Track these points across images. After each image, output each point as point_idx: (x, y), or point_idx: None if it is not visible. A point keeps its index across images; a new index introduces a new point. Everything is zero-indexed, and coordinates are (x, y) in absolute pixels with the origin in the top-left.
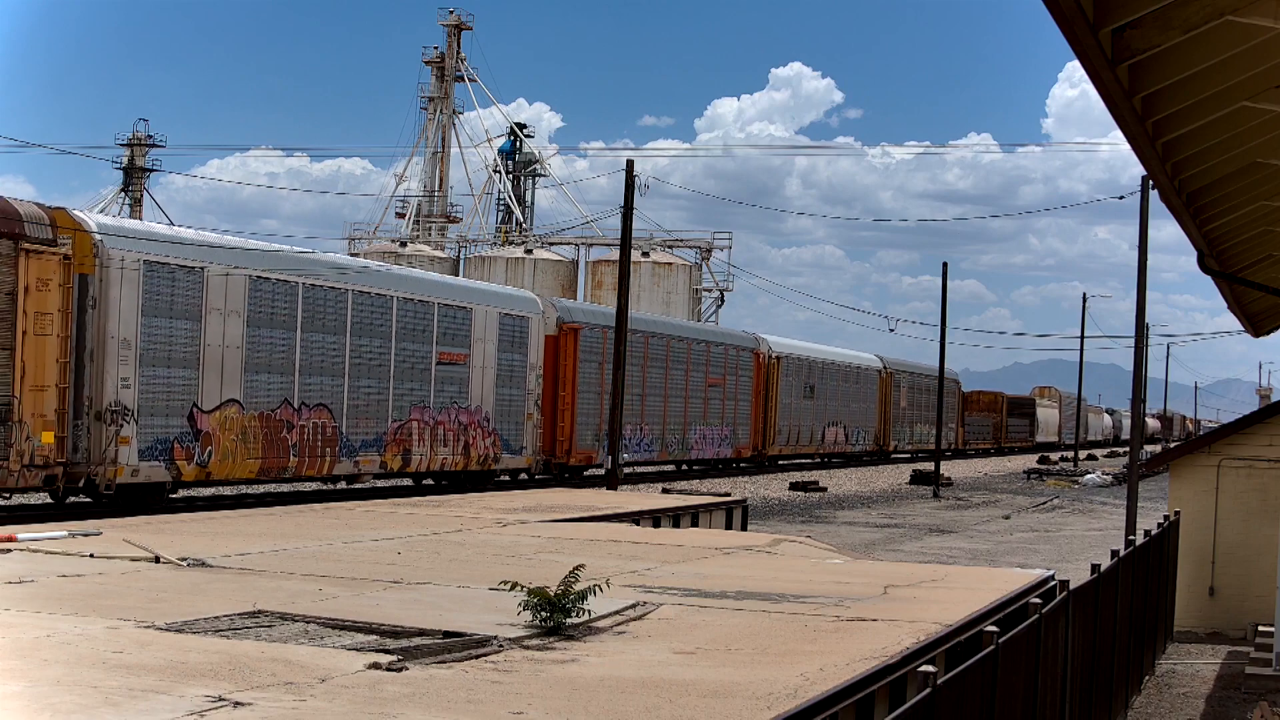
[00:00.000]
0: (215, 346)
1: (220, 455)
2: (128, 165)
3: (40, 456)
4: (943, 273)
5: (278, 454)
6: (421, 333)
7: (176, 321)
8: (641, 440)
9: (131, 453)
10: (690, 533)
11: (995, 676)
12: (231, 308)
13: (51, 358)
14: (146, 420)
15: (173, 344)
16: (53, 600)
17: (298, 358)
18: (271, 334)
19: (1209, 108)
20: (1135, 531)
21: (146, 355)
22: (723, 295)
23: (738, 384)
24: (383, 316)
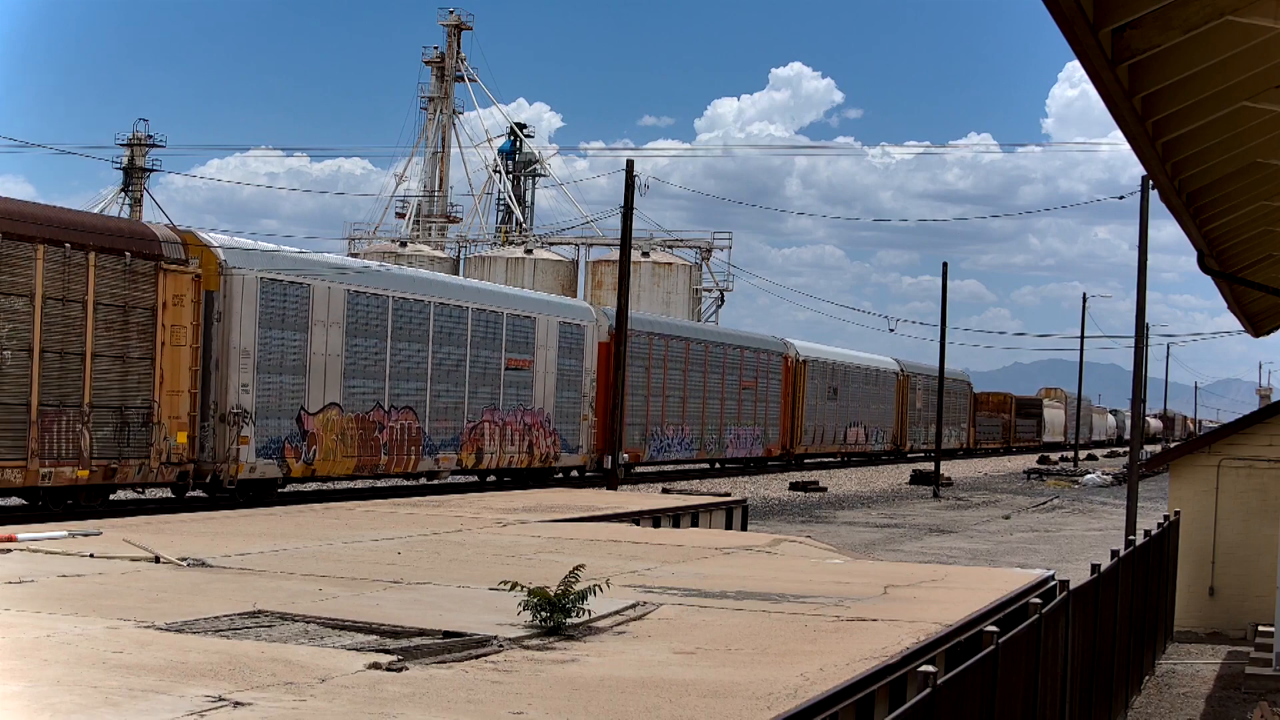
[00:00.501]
0: (319, 355)
1: (323, 454)
2: (128, 165)
3: (175, 455)
4: (943, 273)
5: (371, 452)
6: (492, 340)
7: (287, 332)
8: (683, 440)
9: (250, 451)
10: (690, 533)
11: (995, 676)
12: (333, 319)
13: (184, 366)
14: (262, 422)
15: (284, 353)
16: (53, 600)
17: (388, 364)
18: (366, 343)
19: (1209, 108)
20: (1135, 531)
21: (262, 363)
22: (723, 295)
23: (768, 387)
24: (459, 326)
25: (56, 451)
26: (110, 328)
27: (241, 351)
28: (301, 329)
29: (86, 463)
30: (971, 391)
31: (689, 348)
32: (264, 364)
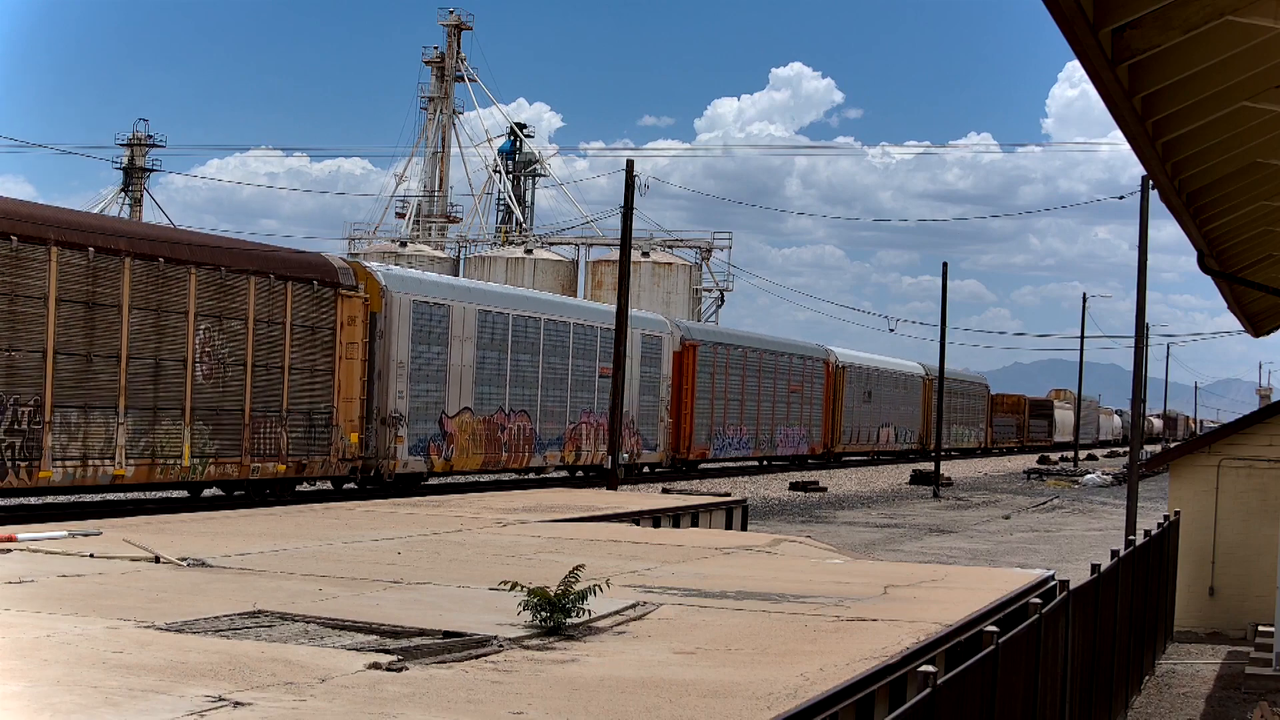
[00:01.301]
0: (456, 366)
1: (459, 452)
2: (128, 165)
3: (349, 452)
4: (943, 273)
5: (494, 451)
6: (589, 351)
7: (432, 347)
8: (741, 439)
9: (404, 450)
10: (690, 533)
11: (995, 676)
12: (467, 335)
13: (356, 377)
14: (413, 424)
15: (429, 364)
16: (53, 600)
17: (508, 374)
18: (491, 355)
19: (1209, 108)
20: (1135, 531)
21: (414, 373)
22: (723, 295)
23: (812, 390)
24: (563, 339)
25: (263, 450)
26: (301, 345)
27: (398, 364)
28: (443, 344)
29: (284, 459)
30: (989, 393)
31: (746, 355)
32: (415, 374)
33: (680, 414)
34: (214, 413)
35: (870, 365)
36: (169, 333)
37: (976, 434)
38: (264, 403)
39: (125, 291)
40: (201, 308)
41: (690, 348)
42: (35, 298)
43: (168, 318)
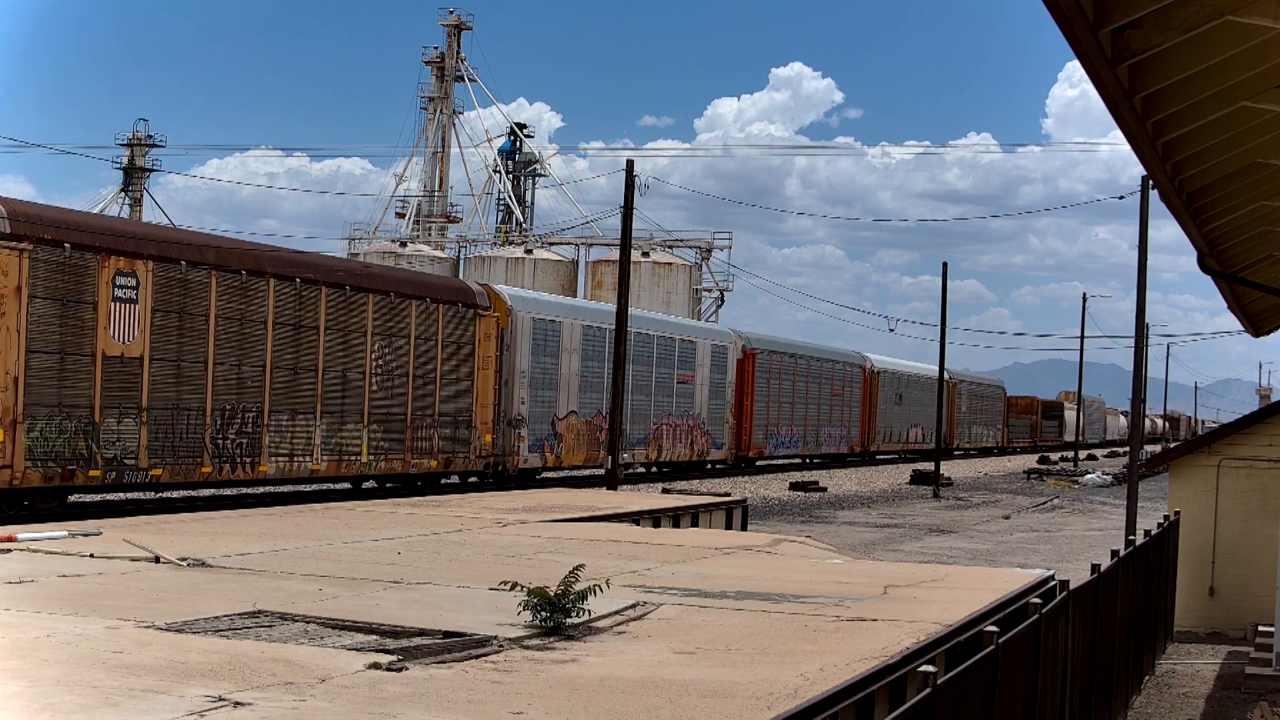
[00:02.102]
0: (565, 374)
1: (566, 449)
2: (128, 165)
3: (484, 451)
4: (943, 273)
5: (594, 449)
6: (668, 360)
7: (547, 358)
8: (791, 438)
9: (525, 448)
10: (690, 533)
11: (995, 676)
12: (573, 348)
13: (489, 385)
14: (532, 425)
15: (545, 373)
16: (53, 600)
17: (605, 381)
18: (592, 364)
19: (1209, 108)
20: (1135, 531)
21: (533, 381)
22: (723, 295)
23: (851, 393)
24: (648, 350)
25: (420, 448)
26: (449, 358)
27: (521, 373)
28: (555, 355)
29: (436, 455)
30: (1005, 396)
31: (796, 362)
32: (534, 382)
33: (742, 416)
34: (384, 417)
35: (901, 370)
36: (352, 350)
37: (994, 434)
38: (421, 408)
39: (321, 315)
40: (376, 328)
41: (750, 356)
42: (258, 322)
43: (351, 337)
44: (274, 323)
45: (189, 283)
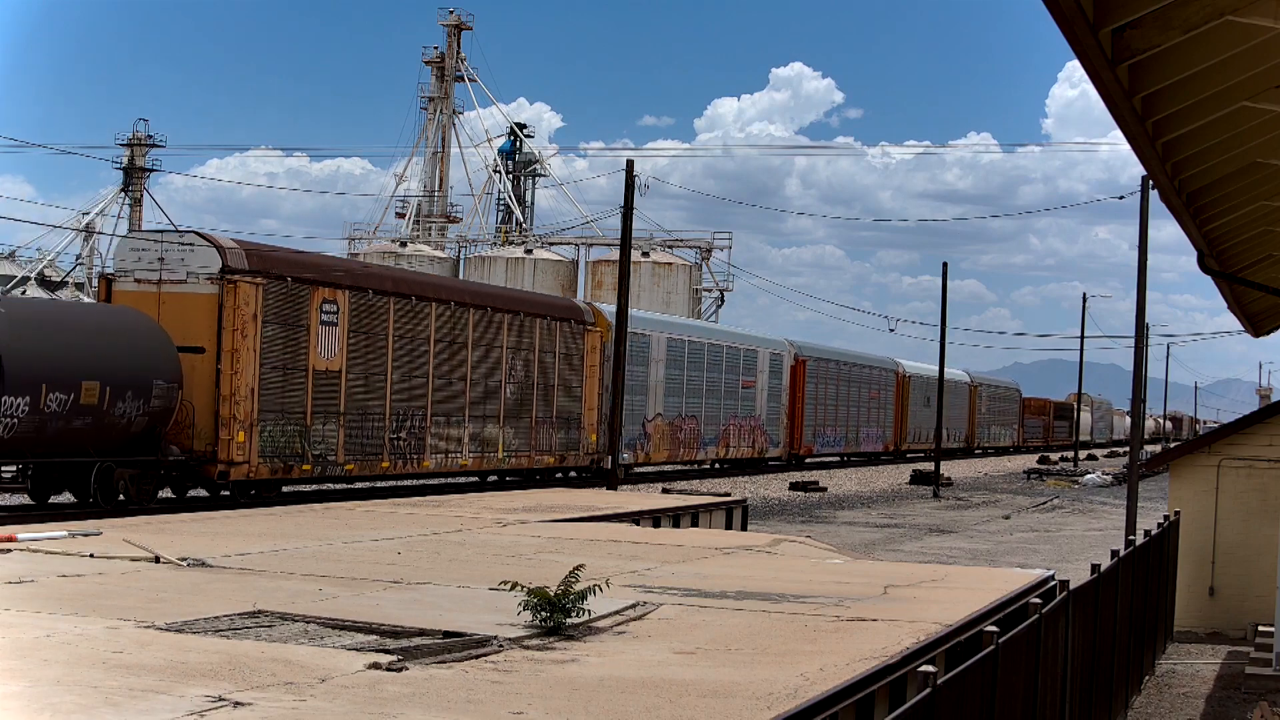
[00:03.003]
0: (652, 381)
1: (653, 448)
2: (128, 165)
3: (590, 449)
4: (943, 273)
5: (675, 447)
6: (735, 367)
7: (639, 367)
8: (835, 438)
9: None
10: (690, 533)
11: (995, 676)
12: (659, 358)
13: (594, 391)
14: (628, 427)
15: (637, 380)
16: (53, 600)
17: (685, 385)
18: (673, 372)
19: (1209, 108)
20: (1135, 531)
21: (628, 387)
22: (723, 295)
23: (885, 397)
24: (719, 358)
25: (542, 446)
26: (563, 368)
27: None
28: (645, 364)
29: (554, 453)
30: (1021, 397)
31: (839, 367)
32: (629, 388)
33: (794, 417)
34: (515, 419)
35: (929, 375)
36: (491, 361)
37: (1011, 434)
38: (543, 411)
39: (470, 333)
40: (509, 343)
41: (801, 363)
42: (422, 339)
43: (491, 351)
44: (434, 340)
45: (373, 308)
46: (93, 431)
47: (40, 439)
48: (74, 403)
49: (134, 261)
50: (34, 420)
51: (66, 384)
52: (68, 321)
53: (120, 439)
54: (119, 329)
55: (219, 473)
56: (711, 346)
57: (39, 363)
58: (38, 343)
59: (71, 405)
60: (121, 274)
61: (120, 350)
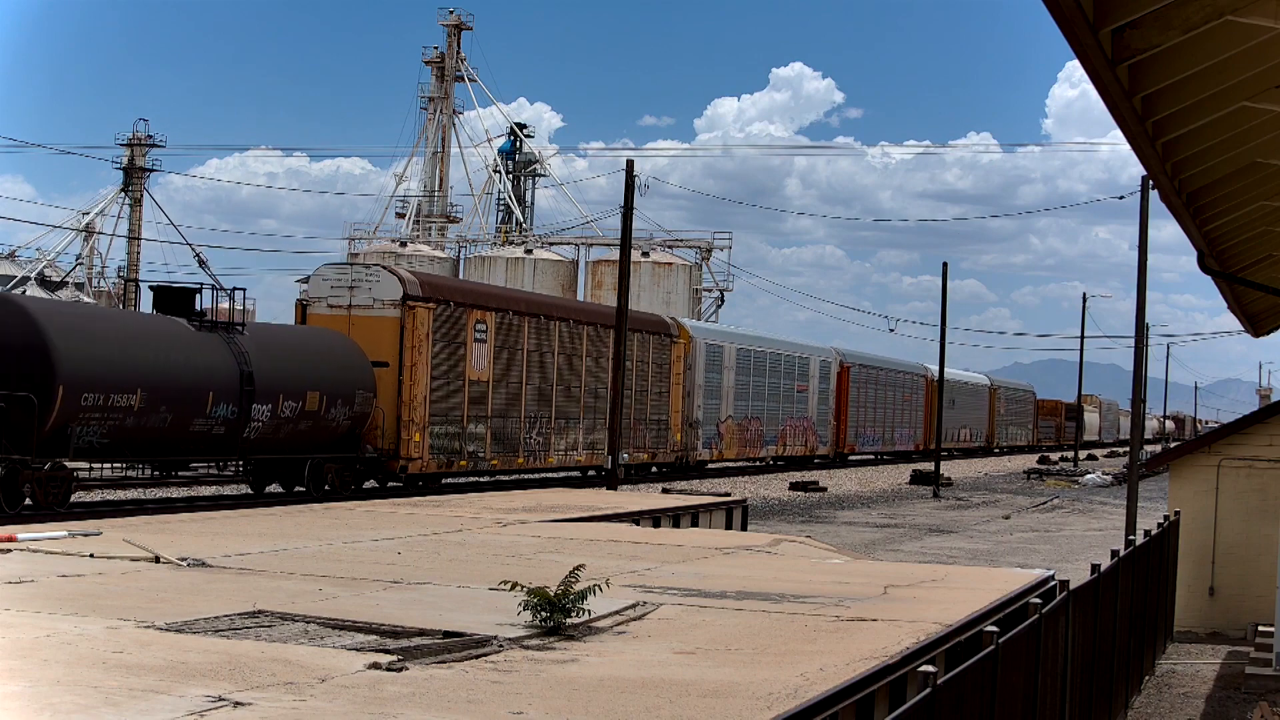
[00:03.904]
0: (725, 386)
1: (725, 446)
2: (128, 165)
3: (675, 447)
4: (943, 273)
5: (743, 446)
6: (790, 373)
7: (714, 374)
8: (873, 437)
9: (700, 444)
10: (690, 533)
11: (995, 676)
12: (730, 365)
13: (679, 396)
14: (704, 427)
15: (713, 386)
16: (53, 600)
17: (750, 390)
18: (742, 378)
19: (1209, 108)
20: (1135, 531)
21: (705, 392)
22: (723, 295)
23: (916, 399)
24: (778, 365)
25: (637, 445)
26: (654, 376)
27: (698, 386)
28: (719, 372)
29: (646, 450)
30: (1035, 399)
31: (877, 373)
32: (706, 393)
33: (840, 419)
34: None
35: (954, 379)
36: (600, 371)
37: (1026, 434)
38: (638, 413)
39: (584, 346)
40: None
41: (845, 369)
42: (548, 352)
43: (600, 361)
44: (557, 352)
45: (512, 326)
46: (311, 433)
47: (275, 439)
48: (300, 409)
49: (327, 289)
50: (273, 424)
51: (296, 394)
52: (294, 342)
53: (329, 439)
54: (330, 348)
55: (400, 467)
56: (772, 355)
57: (277, 377)
58: (276, 361)
59: (299, 412)
60: (316, 299)
61: (332, 365)
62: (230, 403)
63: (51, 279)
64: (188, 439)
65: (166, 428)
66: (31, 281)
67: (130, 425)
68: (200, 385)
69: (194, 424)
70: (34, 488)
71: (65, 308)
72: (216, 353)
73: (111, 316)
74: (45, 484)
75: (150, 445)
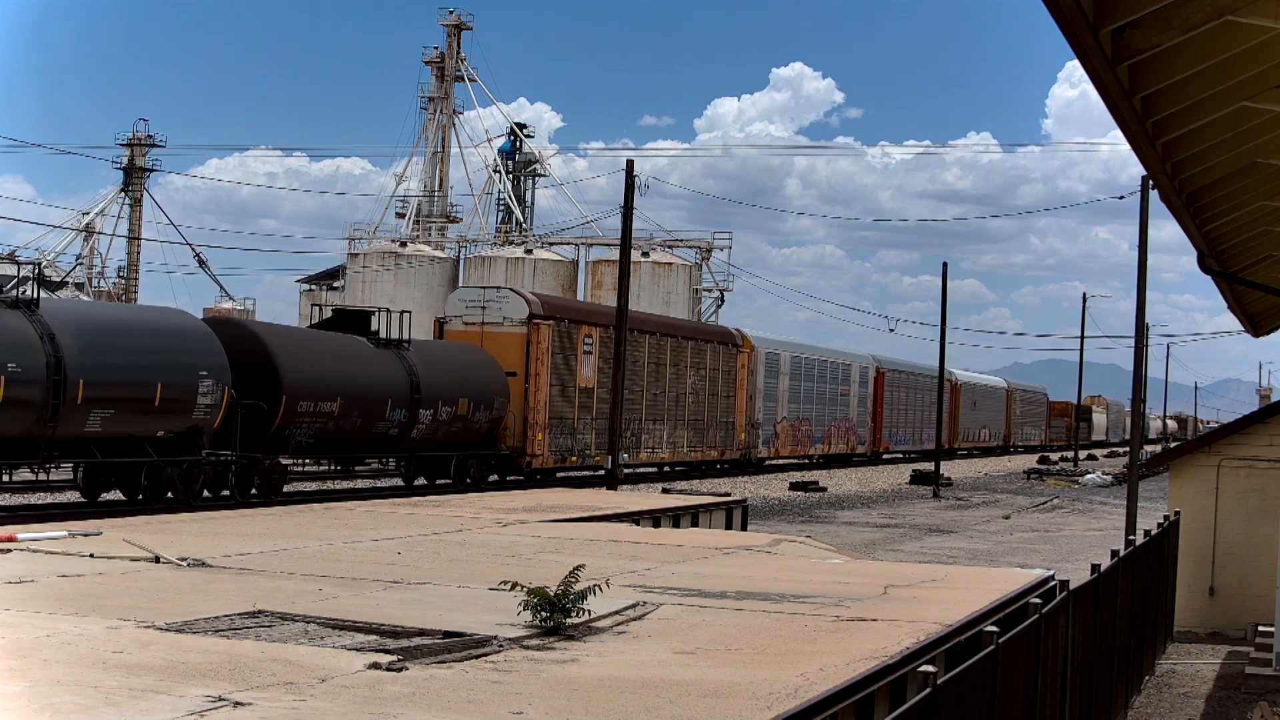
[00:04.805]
0: (780, 390)
1: (780, 444)
2: (128, 165)
3: (740, 445)
4: (943, 273)
5: (794, 444)
6: (835, 379)
7: (771, 380)
8: (904, 437)
9: (760, 443)
10: (690, 533)
11: (995, 676)
12: (785, 371)
13: (742, 399)
14: (763, 428)
15: (770, 390)
16: (53, 600)
17: (801, 394)
18: (794, 383)
19: (1209, 108)
20: (1135, 531)
21: (765, 395)
22: (723, 295)
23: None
24: (825, 371)
25: (708, 443)
26: (722, 382)
27: (758, 390)
28: (775, 377)
29: (716, 448)
30: (1048, 400)
31: (908, 378)
32: (765, 396)
33: (876, 420)
34: (693, 422)
35: (975, 382)
36: (681, 378)
37: (1040, 434)
38: (710, 415)
39: (667, 356)
40: (691, 363)
41: (881, 374)
42: (639, 362)
43: (681, 370)
44: (646, 362)
45: (610, 339)
46: (460, 433)
47: (434, 438)
48: (454, 414)
49: (462, 309)
50: (433, 425)
51: (451, 400)
52: (447, 356)
53: (472, 439)
54: (475, 361)
55: (525, 463)
56: (819, 362)
57: (437, 386)
58: (435, 372)
59: (452, 415)
60: (452, 318)
61: (477, 376)
62: (403, 408)
63: (51, 279)
64: (371, 439)
65: (356, 429)
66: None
67: (330, 428)
68: (381, 394)
69: (376, 426)
70: (260, 480)
71: (286, 331)
72: (391, 366)
73: (317, 337)
74: (268, 476)
75: (344, 444)
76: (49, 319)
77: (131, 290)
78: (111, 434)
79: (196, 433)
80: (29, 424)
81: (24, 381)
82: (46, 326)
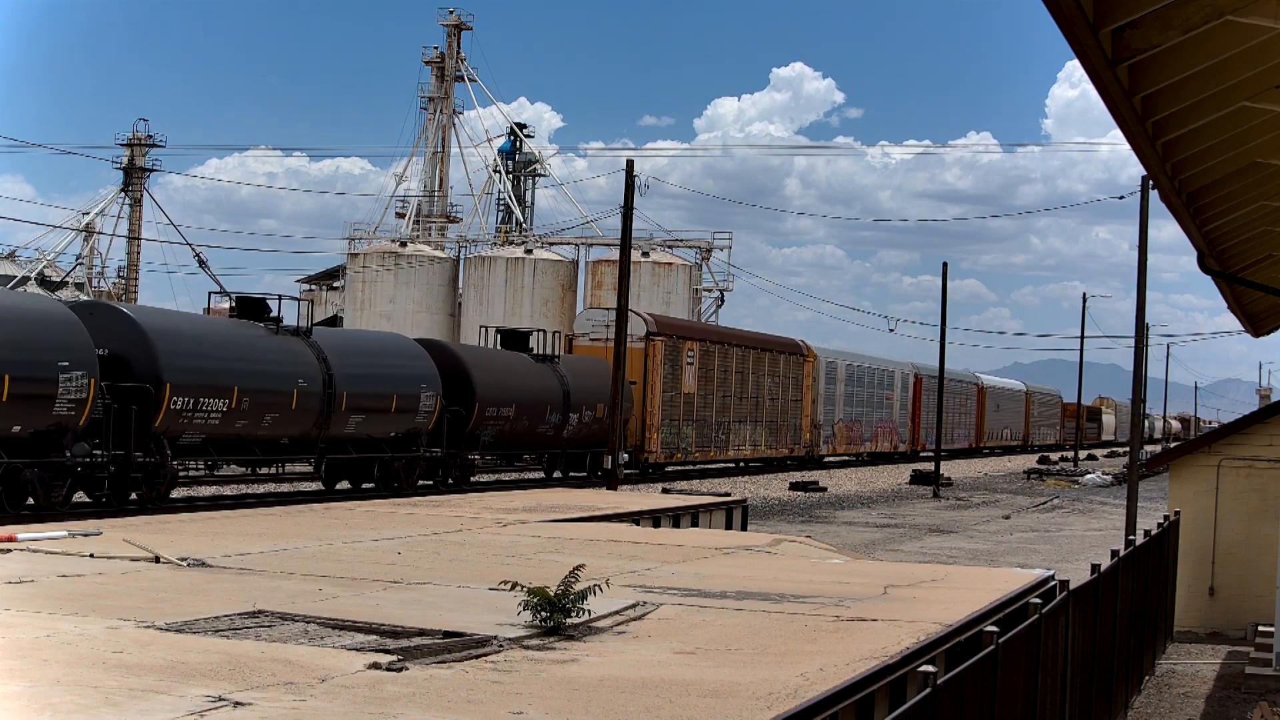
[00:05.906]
0: (837, 395)
1: (836, 443)
2: (128, 165)
3: (805, 444)
4: (943, 273)
5: (848, 443)
6: (881, 384)
7: (829, 385)
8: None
9: (821, 443)
10: (690, 533)
11: (995, 676)
12: (841, 378)
13: (807, 402)
14: (823, 428)
15: (829, 395)
16: (53, 600)
17: (853, 398)
18: (848, 388)
19: (1209, 108)
20: (1135, 531)
21: (825, 398)
22: (723, 295)
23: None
24: (872, 377)
25: (780, 442)
26: (790, 387)
27: (820, 395)
28: (833, 383)
29: (786, 446)
30: (1062, 401)
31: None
32: (825, 399)
33: (915, 422)
34: (768, 423)
35: (998, 386)
36: (759, 384)
37: (1054, 433)
38: (781, 417)
39: (749, 365)
40: (766, 370)
41: (919, 380)
42: (725, 370)
43: (759, 377)
44: (733, 371)
45: (708, 352)
46: (597, 433)
47: (579, 437)
48: (594, 417)
49: (589, 327)
50: (578, 426)
51: (591, 405)
52: (586, 368)
53: (601, 438)
54: (607, 372)
55: (644, 459)
56: (868, 369)
57: (581, 393)
58: (580, 381)
59: (593, 418)
60: (581, 335)
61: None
62: (558, 412)
63: (51, 279)
64: (534, 437)
65: (524, 430)
66: (31, 281)
67: (506, 429)
68: (542, 400)
69: (539, 427)
70: (455, 472)
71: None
72: (547, 376)
73: (497, 353)
74: (461, 468)
75: (515, 442)
76: (320, 343)
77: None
78: (361, 434)
79: (417, 433)
80: (308, 425)
81: (309, 393)
82: (320, 350)
